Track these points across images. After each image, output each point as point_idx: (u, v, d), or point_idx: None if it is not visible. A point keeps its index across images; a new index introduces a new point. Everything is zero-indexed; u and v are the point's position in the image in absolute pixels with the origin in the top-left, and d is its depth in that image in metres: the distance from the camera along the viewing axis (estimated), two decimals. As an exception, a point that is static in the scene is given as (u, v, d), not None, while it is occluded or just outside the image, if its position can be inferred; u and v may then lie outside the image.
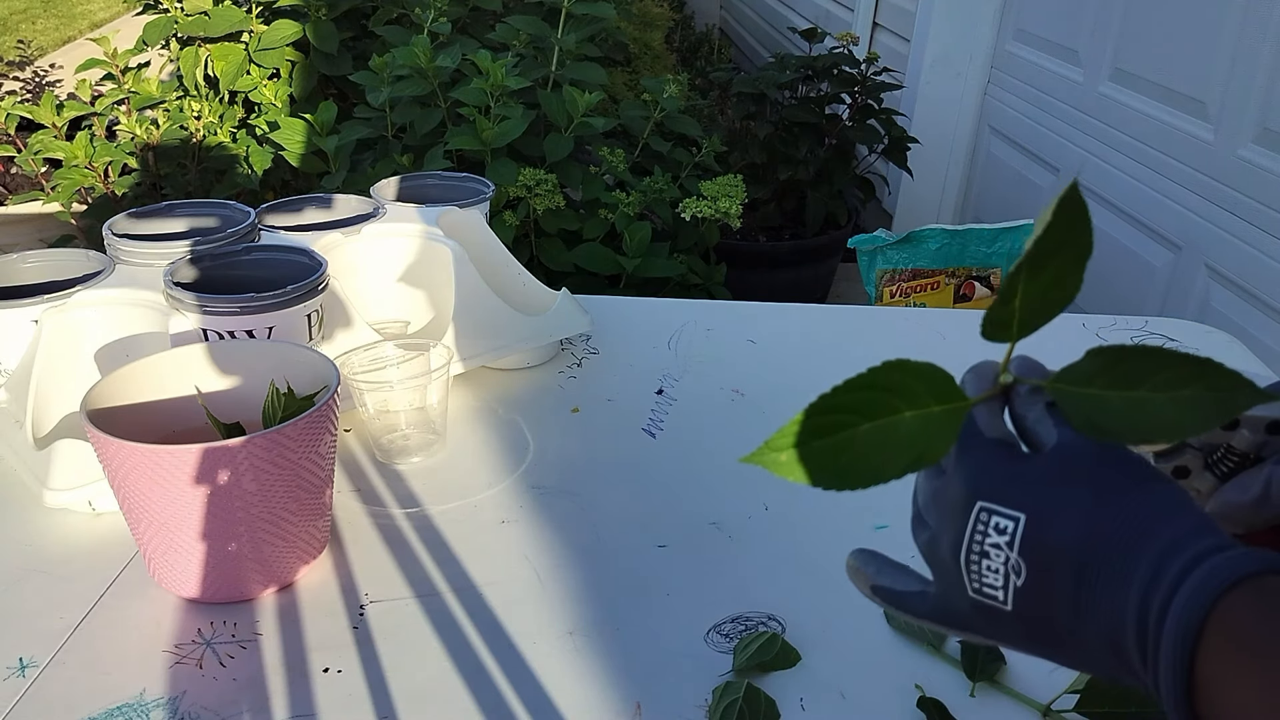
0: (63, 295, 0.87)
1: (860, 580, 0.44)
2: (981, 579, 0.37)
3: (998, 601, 0.37)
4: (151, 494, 0.67)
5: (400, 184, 1.18)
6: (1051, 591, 0.35)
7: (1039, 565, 0.35)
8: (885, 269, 2.07)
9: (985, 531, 0.37)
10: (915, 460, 0.39)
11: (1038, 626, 0.36)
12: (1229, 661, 0.30)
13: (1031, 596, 0.35)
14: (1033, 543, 0.35)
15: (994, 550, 0.36)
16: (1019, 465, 0.37)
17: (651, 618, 0.73)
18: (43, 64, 3.08)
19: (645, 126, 2.21)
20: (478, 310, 1.02)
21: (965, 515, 0.38)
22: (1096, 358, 0.37)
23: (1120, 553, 0.33)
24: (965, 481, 0.38)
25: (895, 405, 0.39)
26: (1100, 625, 0.34)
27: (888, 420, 0.39)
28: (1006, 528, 0.36)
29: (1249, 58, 1.73)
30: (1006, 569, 0.36)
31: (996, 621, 0.37)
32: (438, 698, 0.66)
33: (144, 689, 0.65)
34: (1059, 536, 0.35)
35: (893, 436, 0.39)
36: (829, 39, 2.83)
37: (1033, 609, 0.36)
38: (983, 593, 0.37)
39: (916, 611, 0.41)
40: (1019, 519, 0.36)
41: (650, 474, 0.90)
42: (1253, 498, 0.43)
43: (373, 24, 2.54)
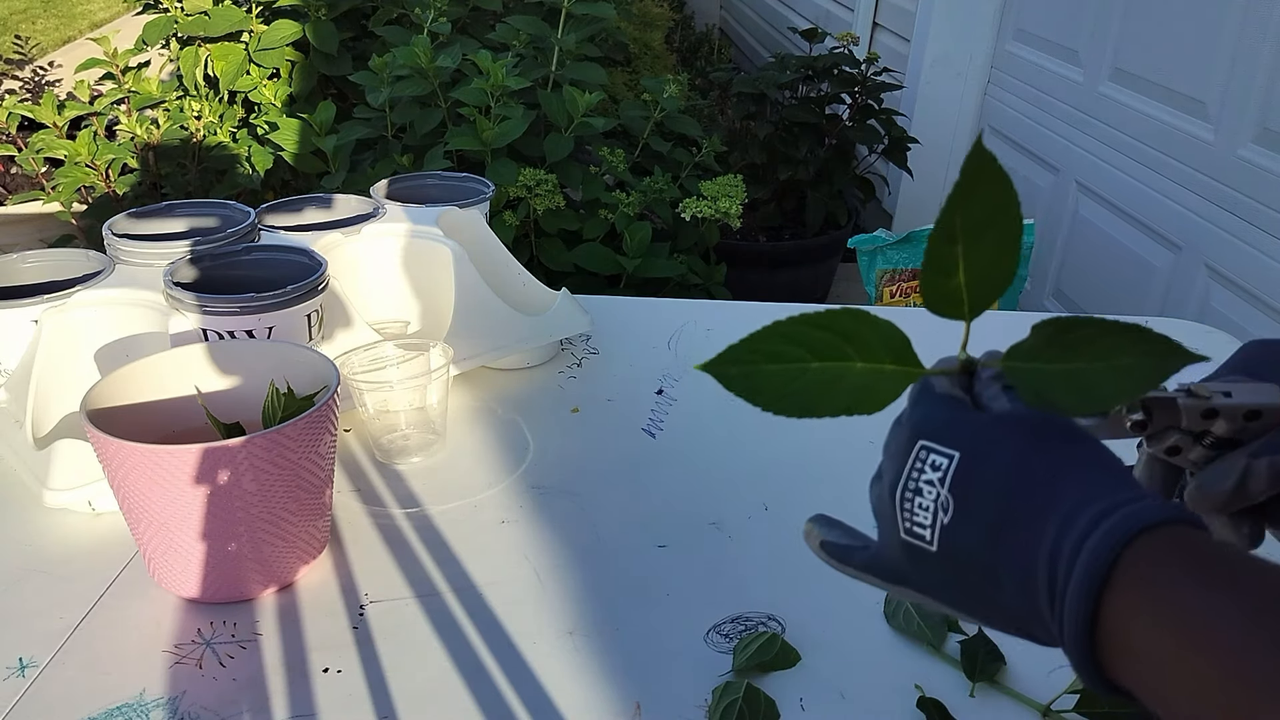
0: (63, 295, 0.87)
1: (811, 540, 0.46)
2: (913, 517, 0.38)
3: (924, 542, 0.38)
4: (151, 494, 0.67)
5: (400, 184, 1.18)
6: (973, 530, 0.36)
7: (965, 502, 0.37)
8: (885, 269, 2.07)
9: (922, 469, 0.38)
10: (850, 406, 0.41)
11: (959, 569, 0.37)
12: (1137, 605, 0.31)
13: (955, 534, 0.37)
14: (962, 479, 0.37)
15: (927, 486, 0.38)
16: (962, 413, 0.39)
17: (651, 618, 0.73)
18: (42, 64, 3.08)
19: (645, 126, 2.21)
20: (478, 310, 1.02)
21: (906, 454, 0.39)
22: (1040, 332, 0.38)
23: (1040, 497, 0.35)
24: (912, 424, 0.40)
25: (848, 353, 0.41)
26: (1015, 567, 0.35)
27: (839, 365, 0.41)
28: (941, 464, 0.38)
29: (1249, 58, 1.73)
30: (935, 506, 0.37)
31: (923, 565, 0.39)
32: (438, 698, 0.66)
33: (144, 689, 0.65)
34: (986, 475, 0.36)
35: (840, 381, 0.41)
36: (829, 39, 2.83)
37: (955, 548, 0.37)
38: (913, 532, 0.38)
39: (857, 563, 0.43)
40: (953, 456, 0.37)
41: (650, 474, 0.90)
42: (1228, 488, 0.44)
43: (373, 24, 2.54)
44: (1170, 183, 1.94)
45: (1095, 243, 2.23)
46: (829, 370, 0.41)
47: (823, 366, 0.41)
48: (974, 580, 0.37)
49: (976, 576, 0.37)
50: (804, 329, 0.41)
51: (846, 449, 0.95)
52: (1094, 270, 2.25)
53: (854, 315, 0.41)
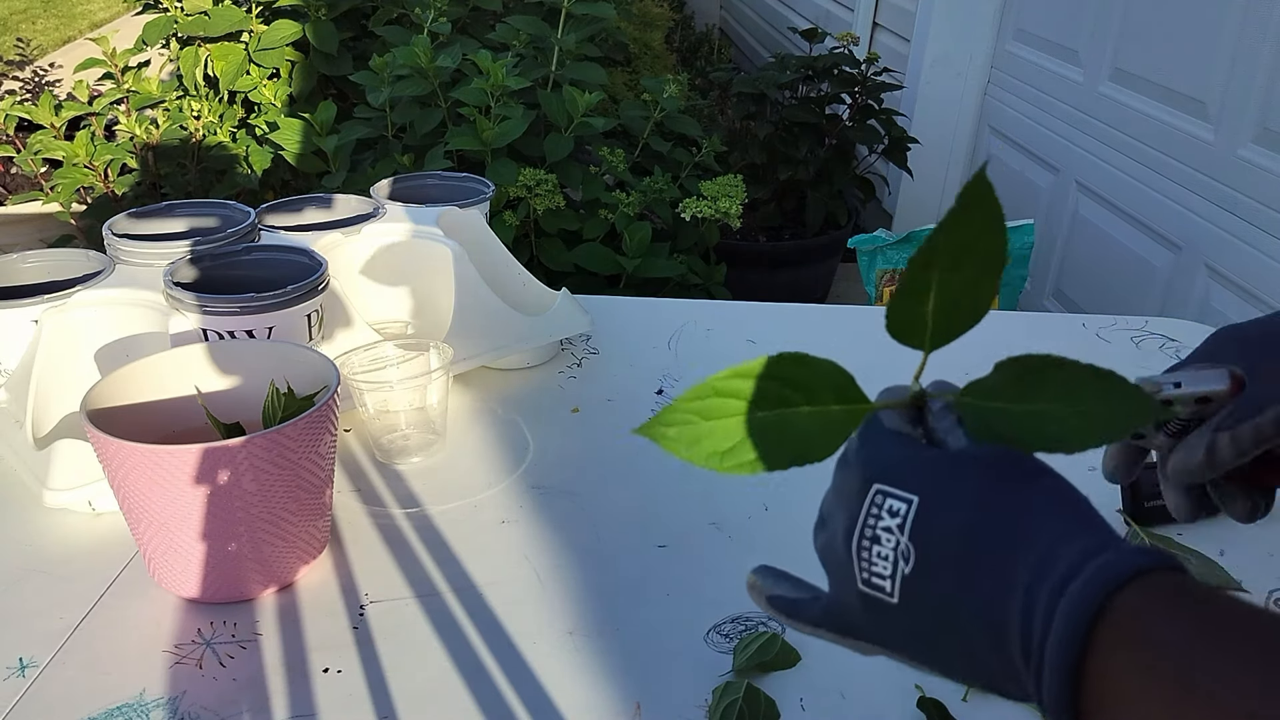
0: (63, 295, 0.87)
1: (757, 595, 0.44)
2: (871, 567, 0.36)
3: (884, 593, 0.36)
4: (151, 494, 0.67)
5: (400, 184, 1.18)
6: (938, 580, 0.34)
7: (927, 549, 0.35)
8: (885, 269, 2.07)
9: (879, 515, 0.36)
10: (800, 455, 0.39)
11: (922, 620, 0.35)
12: (1125, 656, 0.29)
13: (917, 584, 0.35)
14: (923, 526, 0.35)
15: (885, 534, 0.36)
16: (918, 452, 0.37)
17: (651, 618, 0.73)
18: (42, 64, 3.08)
19: (645, 126, 2.21)
20: (478, 310, 1.02)
21: (861, 499, 0.37)
22: (1002, 371, 0.37)
23: (1006, 543, 0.33)
24: (864, 465, 0.38)
25: (791, 399, 0.39)
26: (984, 619, 0.33)
27: (783, 412, 0.39)
28: (899, 510, 0.36)
29: (1249, 58, 1.73)
30: (896, 555, 0.35)
31: (883, 617, 0.37)
32: (438, 698, 0.66)
33: (144, 689, 0.65)
34: (947, 521, 0.34)
35: (786, 429, 0.39)
36: (829, 39, 2.83)
37: (918, 600, 0.35)
38: (871, 583, 0.36)
39: (809, 618, 0.41)
40: (912, 501, 0.35)
41: (650, 474, 0.90)
42: (1199, 460, 0.46)
43: (373, 24, 2.54)
44: (1170, 183, 1.94)
45: (1095, 243, 2.23)
46: (772, 419, 0.39)
47: (765, 416, 0.39)
48: (938, 633, 0.35)
49: (941, 629, 0.34)
50: (739, 382, 0.39)
51: (846, 449, 0.95)
52: (1094, 270, 2.25)
53: (792, 360, 0.39)
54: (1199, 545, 0.79)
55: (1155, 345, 1.15)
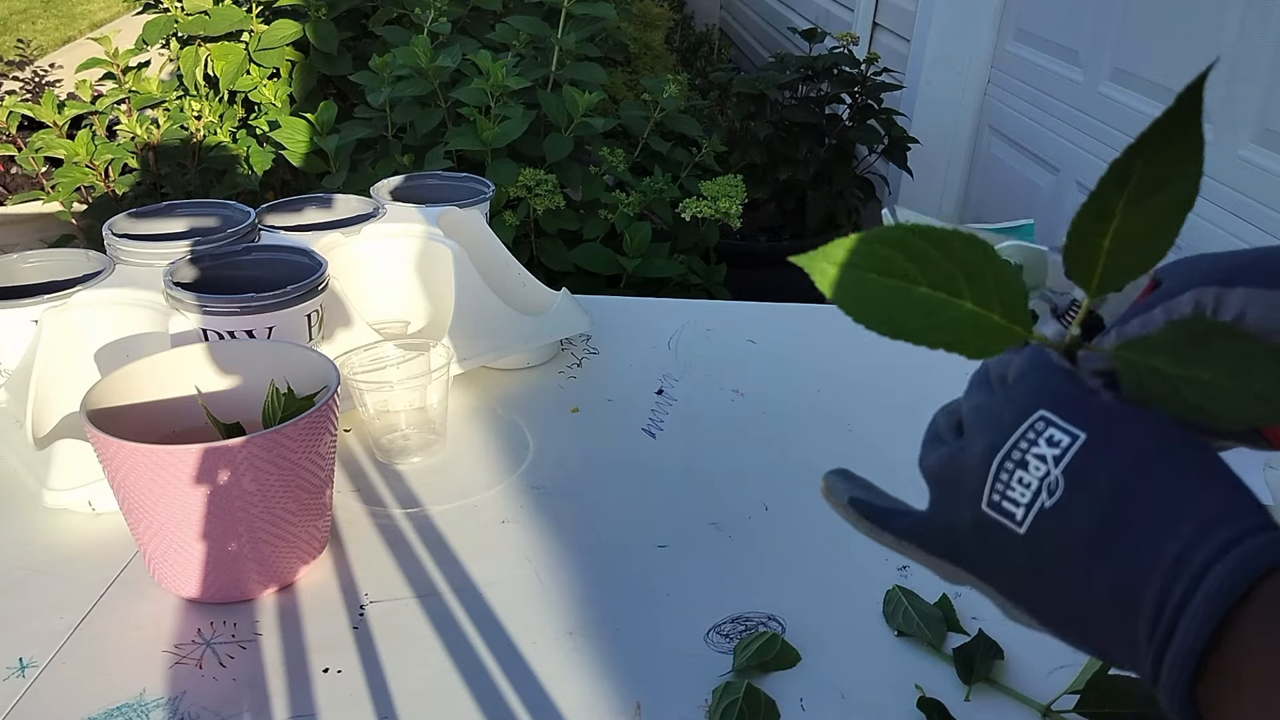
0: (63, 295, 0.87)
1: (835, 496, 0.41)
2: (1007, 490, 0.34)
3: (1012, 520, 0.34)
4: (151, 494, 0.67)
5: (400, 184, 1.18)
6: (1081, 522, 0.32)
7: (1079, 491, 0.32)
8: (885, 269, 2.06)
9: (1035, 440, 0.34)
10: (951, 344, 0.38)
11: (1045, 559, 0.33)
12: (1260, 643, 0.28)
13: (1054, 522, 0.33)
14: (1083, 466, 0.33)
15: (1036, 461, 0.33)
16: (1091, 396, 0.35)
17: (651, 618, 0.73)
18: (43, 64, 3.08)
19: (645, 126, 2.21)
20: (478, 310, 1.02)
21: (1018, 422, 0.35)
22: (1173, 331, 0.35)
23: (1164, 506, 0.31)
24: (1030, 391, 0.35)
25: (961, 289, 0.37)
26: (1116, 570, 0.31)
27: (949, 299, 0.38)
28: (1061, 441, 0.33)
29: (1249, 58, 1.73)
30: (1041, 485, 0.33)
31: (995, 544, 0.34)
32: (438, 698, 0.66)
33: (144, 689, 0.65)
34: (1109, 470, 0.32)
35: (946, 314, 0.38)
36: (829, 39, 2.83)
37: (1048, 538, 0.33)
38: (1000, 506, 0.34)
39: (898, 528, 0.39)
40: (1079, 437, 0.33)
41: (650, 474, 0.90)
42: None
43: (372, 24, 2.54)
44: (1170, 183, 1.94)
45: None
46: (934, 300, 0.37)
47: (929, 294, 0.37)
48: (1055, 574, 0.33)
49: (1062, 572, 0.33)
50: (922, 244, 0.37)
51: (848, 449, 0.95)
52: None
53: (977, 247, 0.37)
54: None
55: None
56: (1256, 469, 0.89)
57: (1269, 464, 0.91)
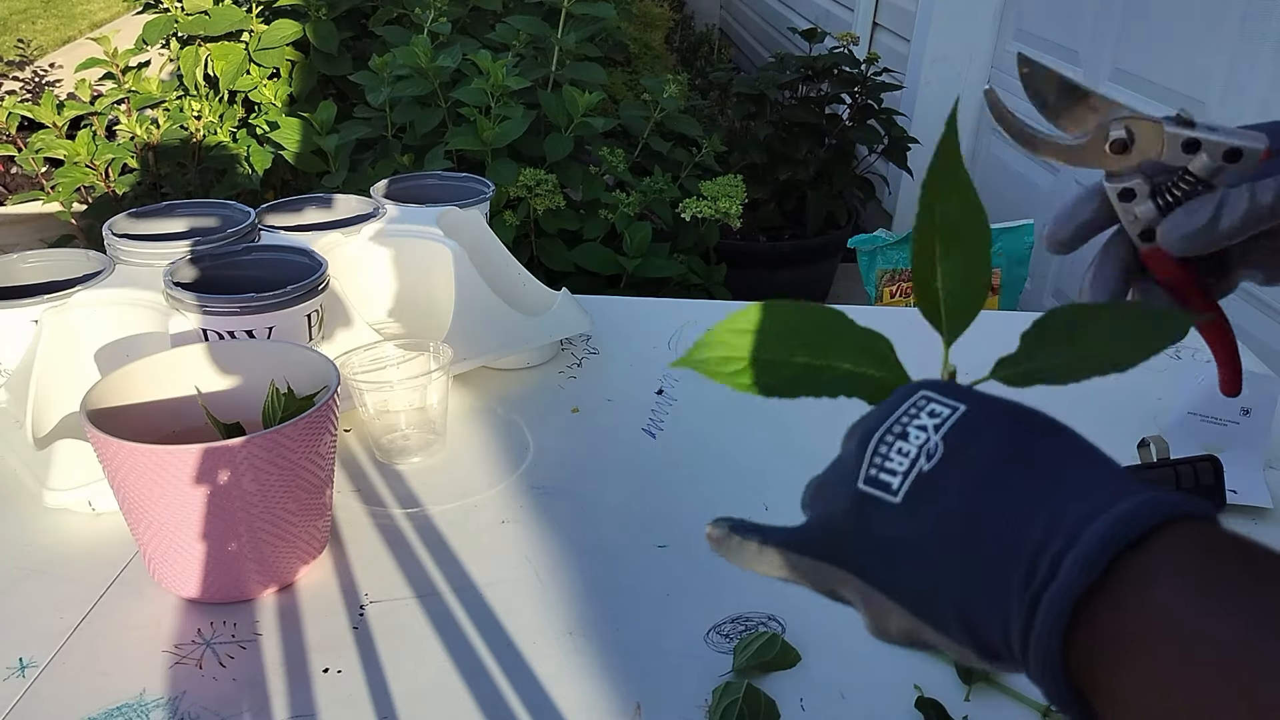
0: (63, 295, 0.87)
1: (717, 531, 0.42)
2: (885, 462, 0.34)
3: (889, 491, 0.34)
4: (151, 494, 0.67)
5: (400, 184, 1.18)
6: (957, 478, 0.32)
7: (955, 453, 0.33)
8: (885, 269, 2.06)
9: (916, 414, 0.35)
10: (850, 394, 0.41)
11: (922, 521, 0.33)
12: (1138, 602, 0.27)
13: (931, 484, 0.33)
14: (960, 430, 0.33)
15: (916, 431, 0.34)
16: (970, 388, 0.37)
17: (651, 618, 0.73)
18: (43, 64, 3.08)
19: (645, 126, 2.21)
20: (478, 310, 1.02)
21: (900, 402, 0.36)
22: (1028, 338, 0.38)
23: (1053, 459, 0.32)
24: (913, 385, 0.37)
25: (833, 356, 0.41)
26: (995, 526, 0.31)
27: (826, 364, 0.41)
28: (941, 413, 0.34)
29: (1249, 58, 1.73)
30: (920, 451, 0.34)
31: (871, 520, 0.34)
32: (438, 698, 0.66)
33: (144, 689, 0.65)
34: (989, 431, 0.33)
35: (829, 376, 0.42)
36: (829, 39, 2.83)
37: (927, 498, 0.33)
38: (877, 480, 0.34)
39: (775, 540, 0.38)
40: (959, 408, 0.34)
41: (650, 474, 0.90)
42: (1201, 222, 0.44)
43: (372, 24, 2.54)
44: (1170, 183, 1.94)
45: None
46: (813, 366, 0.41)
47: (808, 362, 0.41)
48: (929, 541, 0.32)
49: (936, 536, 0.32)
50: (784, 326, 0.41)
51: (846, 449, 0.95)
52: (1094, 270, 2.24)
53: (836, 319, 0.41)
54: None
55: (1155, 345, 1.15)
56: (1257, 468, 0.89)
57: (1269, 464, 0.91)
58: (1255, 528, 0.84)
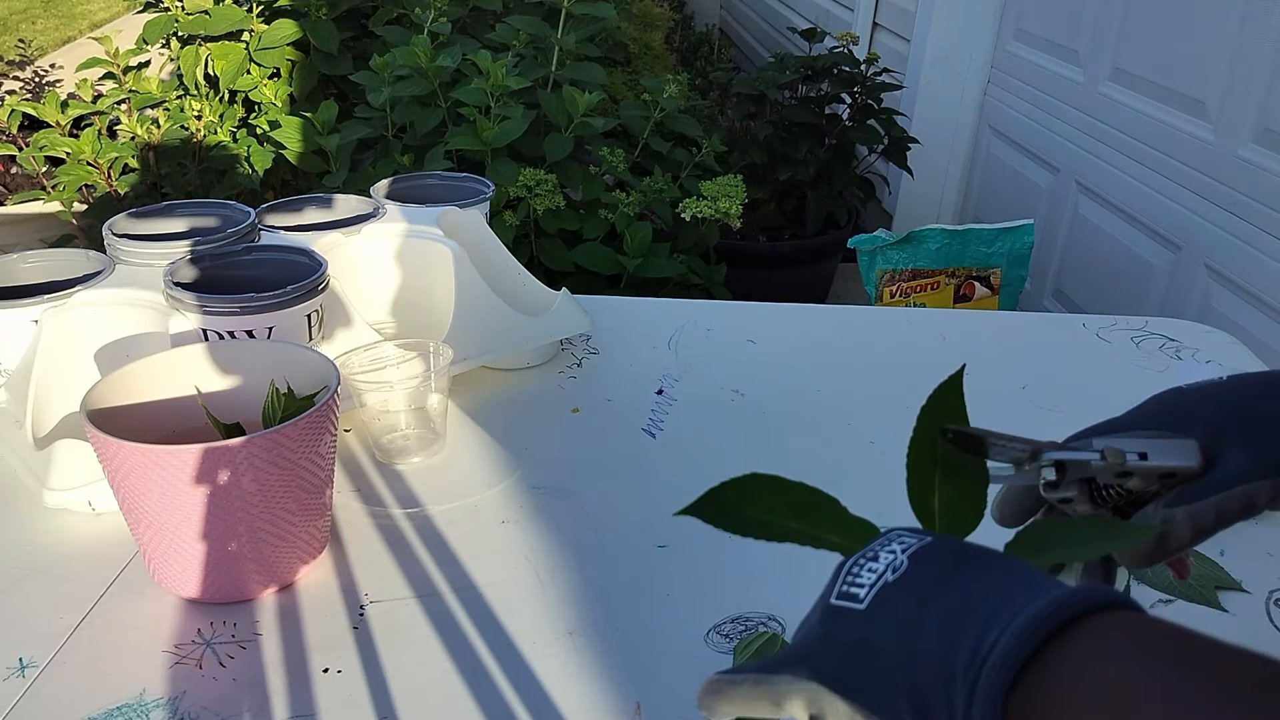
0: (63, 295, 0.87)
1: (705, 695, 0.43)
2: (855, 579, 0.39)
3: (855, 600, 0.38)
4: (151, 494, 0.67)
5: (400, 184, 1.18)
6: (919, 585, 0.37)
7: (918, 568, 0.37)
8: (885, 269, 2.06)
9: (888, 543, 0.39)
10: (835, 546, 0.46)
11: (878, 626, 0.37)
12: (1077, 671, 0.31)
13: (894, 592, 0.37)
14: (923, 554, 0.38)
15: (886, 554, 0.38)
16: None
17: (651, 618, 0.73)
18: (43, 64, 3.08)
19: (645, 126, 2.21)
20: (478, 310, 1.02)
21: (876, 539, 0.40)
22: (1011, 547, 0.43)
23: (1002, 568, 0.36)
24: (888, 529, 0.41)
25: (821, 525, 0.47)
26: (944, 614, 0.35)
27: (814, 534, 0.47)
28: (910, 542, 0.38)
29: (1249, 58, 1.73)
30: (886, 568, 0.38)
31: (837, 627, 0.38)
32: (438, 698, 0.66)
33: (144, 689, 0.65)
34: (954, 550, 0.38)
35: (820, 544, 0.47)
36: (829, 39, 2.83)
37: (886, 604, 0.37)
38: (846, 594, 0.39)
39: (746, 667, 0.41)
40: (926, 539, 0.38)
41: (650, 474, 0.90)
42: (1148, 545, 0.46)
43: (372, 24, 2.54)
44: (1170, 183, 1.94)
45: (1095, 243, 2.23)
46: (805, 533, 0.47)
47: (800, 529, 0.47)
48: (890, 638, 0.36)
49: (894, 629, 0.36)
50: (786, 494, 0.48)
51: (847, 448, 0.95)
52: (1094, 270, 2.25)
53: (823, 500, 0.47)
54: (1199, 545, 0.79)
55: (1155, 345, 1.15)
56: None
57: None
58: (1255, 526, 0.84)
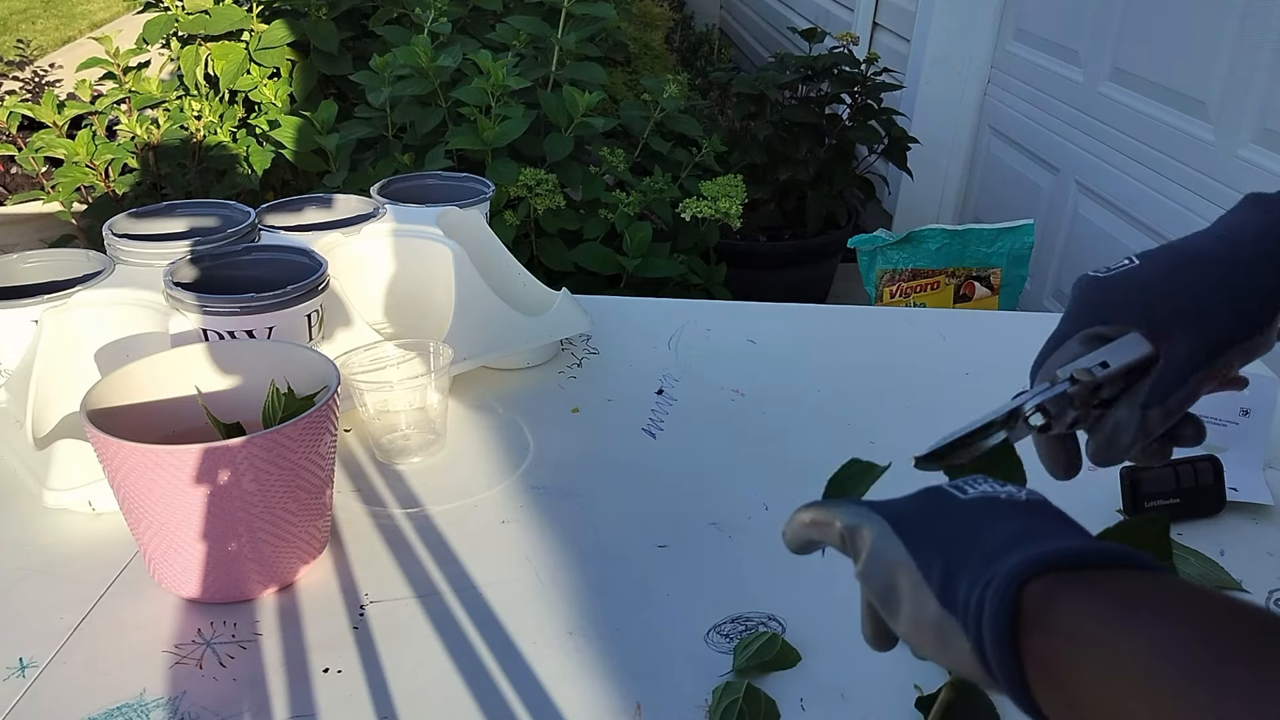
0: (63, 295, 0.87)
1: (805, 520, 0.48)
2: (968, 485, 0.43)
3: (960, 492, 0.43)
4: (151, 494, 0.67)
5: (400, 184, 1.17)
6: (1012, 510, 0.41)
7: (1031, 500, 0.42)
8: (885, 269, 2.06)
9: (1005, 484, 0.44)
10: None
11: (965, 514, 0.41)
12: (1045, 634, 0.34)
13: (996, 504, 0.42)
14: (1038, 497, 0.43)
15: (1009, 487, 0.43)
16: None
17: (651, 618, 0.73)
18: (43, 64, 3.08)
19: (645, 126, 2.21)
20: (478, 310, 1.02)
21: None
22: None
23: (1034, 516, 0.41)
24: None
25: None
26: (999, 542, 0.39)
27: None
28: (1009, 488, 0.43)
29: (1249, 58, 1.73)
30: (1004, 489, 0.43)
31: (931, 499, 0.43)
32: (438, 698, 0.66)
33: (144, 689, 0.65)
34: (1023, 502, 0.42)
35: None
36: (829, 39, 2.83)
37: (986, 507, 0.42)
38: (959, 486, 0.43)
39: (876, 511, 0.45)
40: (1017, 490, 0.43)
41: (650, 474, 0.90)
42: (1129, 438, 0.50)
43: (373, 24, 2.54)
44: (1170, 183, 1.94)
45: (1095, 243, 2.23)
46: None
47: None
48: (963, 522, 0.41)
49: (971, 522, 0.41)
50: None
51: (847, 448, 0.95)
52: (1094, 270, 2.24)
53: None
54: (1199, 545, 0.79)
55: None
56: (1256, 467, 0.89)
57: (1269, 464, 0.91)
58: (1255, 526, 0.84)
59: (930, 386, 1.02)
